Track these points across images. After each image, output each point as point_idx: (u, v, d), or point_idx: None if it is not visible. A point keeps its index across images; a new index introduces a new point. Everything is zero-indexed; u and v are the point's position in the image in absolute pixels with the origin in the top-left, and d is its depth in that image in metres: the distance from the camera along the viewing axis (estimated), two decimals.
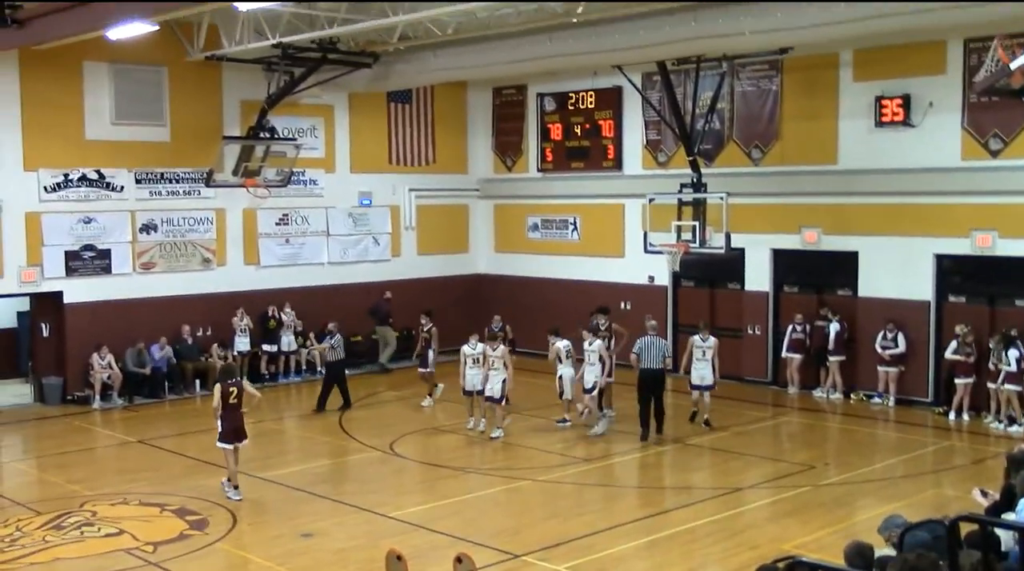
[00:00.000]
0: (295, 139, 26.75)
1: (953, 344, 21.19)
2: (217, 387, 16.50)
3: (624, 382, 21.35)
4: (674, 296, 26.85)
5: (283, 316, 26.69)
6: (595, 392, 19.41)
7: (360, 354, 27.63)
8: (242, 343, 26.04)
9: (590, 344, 19.55)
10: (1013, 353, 20.12)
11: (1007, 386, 20.30)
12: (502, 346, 20.03)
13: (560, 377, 20.28)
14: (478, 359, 19.88)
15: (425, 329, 22.77)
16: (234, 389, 16.38)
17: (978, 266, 21.69)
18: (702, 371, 20.34)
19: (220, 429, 16.51)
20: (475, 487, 16.87)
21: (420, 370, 22.75)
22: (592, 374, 19.25)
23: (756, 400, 23.53)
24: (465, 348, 20.16)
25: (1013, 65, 18.94)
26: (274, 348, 26.64)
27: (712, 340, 20.48)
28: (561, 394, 20.53)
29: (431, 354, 22.79)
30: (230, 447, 16.42)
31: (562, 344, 20.18)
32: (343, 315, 25.75)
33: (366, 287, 28.67)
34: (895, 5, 17.53)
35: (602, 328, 20.35)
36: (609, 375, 20.20)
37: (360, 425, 21.62)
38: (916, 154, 22.16)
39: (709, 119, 24.01)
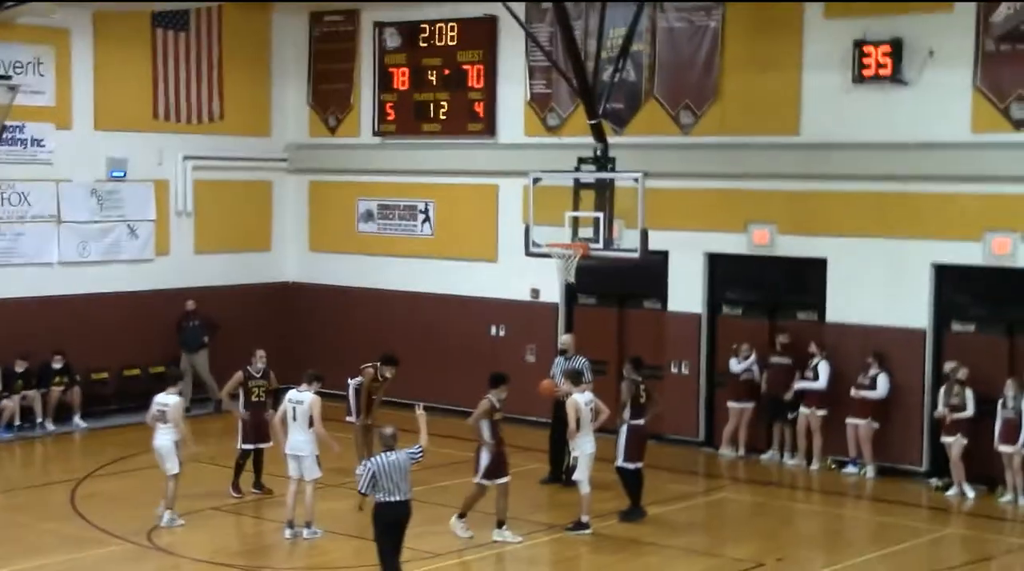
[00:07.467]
0: (8, 77, 20.70)
1: (942, 391, 18.46)
2: None
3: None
4: (568, 318, 22.68)
5: None
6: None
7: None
8: None
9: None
10: None
11: None
12: (309, 393, 16.29)
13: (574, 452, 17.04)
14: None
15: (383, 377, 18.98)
16: None
17: (993, 280, 19.21)
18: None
19: None
20: None
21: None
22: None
23: (682, 468, 20.24)
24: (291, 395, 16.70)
25: None
26: None
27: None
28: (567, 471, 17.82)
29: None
30: None
31: (583, 398, 16.80)
32: (80, 340, 21.23)
33: (116, 300, 22.34)
34: None
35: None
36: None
37: (104, 503, 17.43)
38: (909, 123, 19.53)
39: (621, 67, 20.12)
